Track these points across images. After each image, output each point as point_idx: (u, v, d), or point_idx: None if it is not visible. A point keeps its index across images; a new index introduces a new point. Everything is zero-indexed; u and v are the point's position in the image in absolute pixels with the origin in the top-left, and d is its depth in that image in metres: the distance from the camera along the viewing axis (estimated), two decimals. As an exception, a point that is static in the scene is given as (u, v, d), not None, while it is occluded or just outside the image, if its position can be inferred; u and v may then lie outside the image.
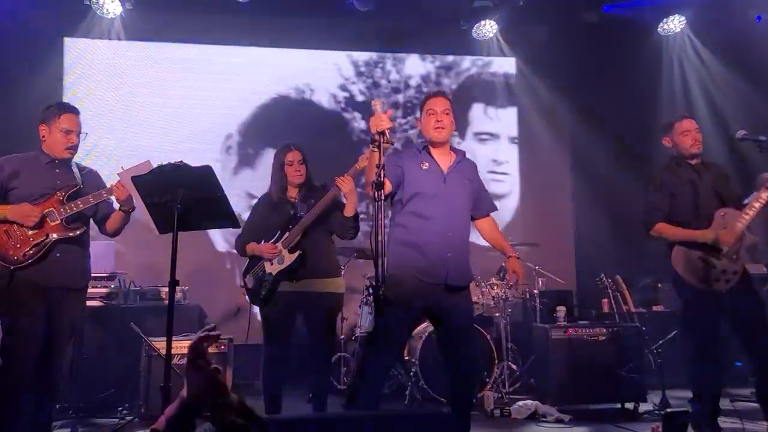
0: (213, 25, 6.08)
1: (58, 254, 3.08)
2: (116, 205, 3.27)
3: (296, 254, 3.50)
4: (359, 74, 6.73)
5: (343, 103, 6.68)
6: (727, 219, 3.47)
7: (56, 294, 3.10)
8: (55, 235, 3.07)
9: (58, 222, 3.08)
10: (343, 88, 6.68)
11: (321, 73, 6.59)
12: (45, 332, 3.05)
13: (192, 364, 1.46)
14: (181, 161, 2.77)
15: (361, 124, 6.67)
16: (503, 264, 5.06)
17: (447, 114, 3.08)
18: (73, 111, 3.24)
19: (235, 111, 6.38)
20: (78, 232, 3.14)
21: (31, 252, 3.01)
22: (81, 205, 3.11)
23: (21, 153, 3.24)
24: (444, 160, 3.12)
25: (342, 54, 6.65)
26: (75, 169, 3.29)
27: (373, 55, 6.76)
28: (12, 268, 2.98)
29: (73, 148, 3.21)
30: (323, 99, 6.62)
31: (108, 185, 3.23)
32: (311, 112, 6.55)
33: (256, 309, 3.84)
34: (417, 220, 3.01)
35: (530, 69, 6.87)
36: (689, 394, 3.96)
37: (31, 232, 3.03)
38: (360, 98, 6.69)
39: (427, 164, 3.08)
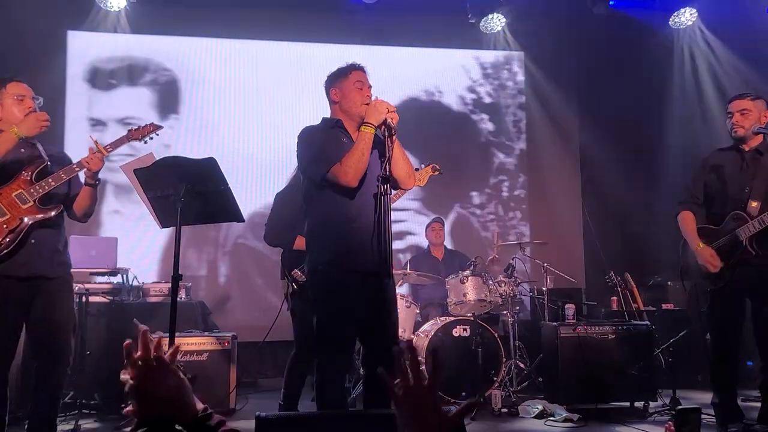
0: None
1: (33, 240, 2.86)
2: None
3: None
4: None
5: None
6: (737, 223, 3.34)
7: (36, 285, 2.90)
8: (30, 219, 2.83)
9: (32, 203, 2.84)
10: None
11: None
12: (24, 326, 2.91)
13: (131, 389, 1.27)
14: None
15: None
16: (511, 261, 5.00)
17: (371, 89, 2.87)
18: (17, 78, 2.98)
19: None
20: (53, 213, 2.91)
21: (8, 240, 2.78)
22: (52, 183, 2.87)
23: None
24: (356, 136, 2.82)
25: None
26: (40, 147, 3.04)
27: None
28: None
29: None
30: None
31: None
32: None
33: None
34: (342, 199, 2.72)
35: (538, 63, 6.79)
36: (700, 393, 3.91)
37: (1, 218, 2.78)
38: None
39: (345, 139, 2.80)
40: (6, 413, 2.93)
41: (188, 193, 2.63)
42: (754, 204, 3.28)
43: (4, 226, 2.79)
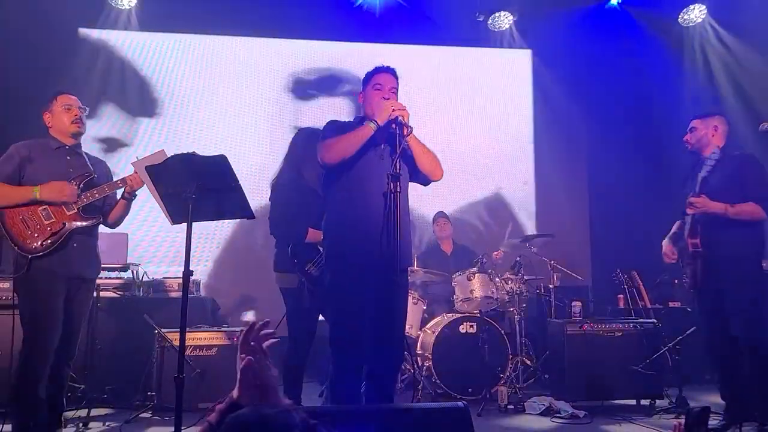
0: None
1: (75, 244, 3.11)
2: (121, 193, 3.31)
3: None
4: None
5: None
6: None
7: (73, 284, 3.13)
8: (71, 224, 3.08)
9: (75, 211, 3.10)
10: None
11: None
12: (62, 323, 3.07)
13: (250, 366, 1.35)
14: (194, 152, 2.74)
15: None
16: (518, 259, 5.02)
17: (393, 92, 2.91)
18: (68, 91, 3.30)
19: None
20: (93, 222, 3.17)
21: (50, 242, 3.02)
22: (97, 195, 3.13)
23: (29, 140, 3.21)
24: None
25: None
26: (85, 156, 3.31)
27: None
28: (30, 257, 2.98)
29: (79, 122, 3.22)
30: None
31: (116, 176, 3.31)
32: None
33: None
34: (354, 195, 2.79)
35: (546, 61, 6.79)
36: (707, 392, 3.91)
37: (47, 221, 3.03)
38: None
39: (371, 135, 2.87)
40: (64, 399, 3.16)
41: (199, 189, 2.66)
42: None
43: (48, 228, 3.03)
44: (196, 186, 2.64)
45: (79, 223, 3.10)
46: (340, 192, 2.82)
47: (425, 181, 2.99)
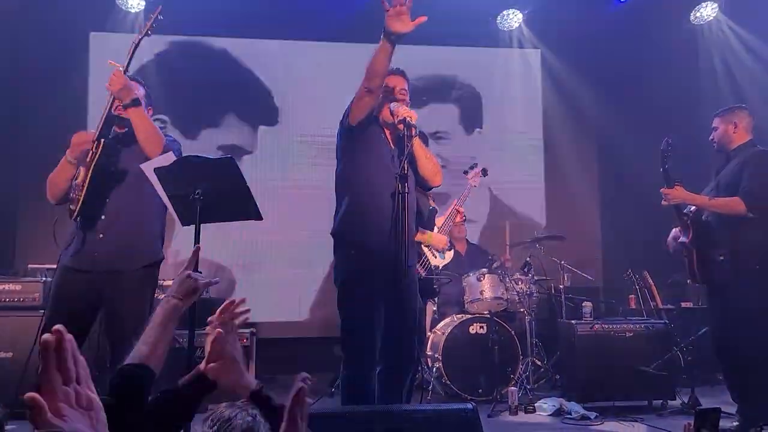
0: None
1: (101, 235, 2.80)
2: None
3: (452, 252, 3.61)
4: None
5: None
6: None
7: (101, 280, 2.82)
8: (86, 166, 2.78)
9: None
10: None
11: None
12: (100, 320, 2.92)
13: (219, 338, 1.51)
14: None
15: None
16: (528, 259, 5.00)
17: (404, 93, 2.91)
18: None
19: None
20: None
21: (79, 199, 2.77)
22: (94, 132, 2.84)
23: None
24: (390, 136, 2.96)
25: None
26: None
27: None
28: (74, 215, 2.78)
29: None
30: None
31: None
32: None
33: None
34: (364, 195, 2.82)
35: (556, 61, 6.75)
36: (719, 393, 3.88)
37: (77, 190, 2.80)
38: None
39: (383, 135, 2.91)
40: None
41: (207, 191, 2.66)
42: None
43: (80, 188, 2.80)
44: (203, 188, 2.64)
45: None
46: (350, 195, 2.83)
47: (425, 186, 3.01)
